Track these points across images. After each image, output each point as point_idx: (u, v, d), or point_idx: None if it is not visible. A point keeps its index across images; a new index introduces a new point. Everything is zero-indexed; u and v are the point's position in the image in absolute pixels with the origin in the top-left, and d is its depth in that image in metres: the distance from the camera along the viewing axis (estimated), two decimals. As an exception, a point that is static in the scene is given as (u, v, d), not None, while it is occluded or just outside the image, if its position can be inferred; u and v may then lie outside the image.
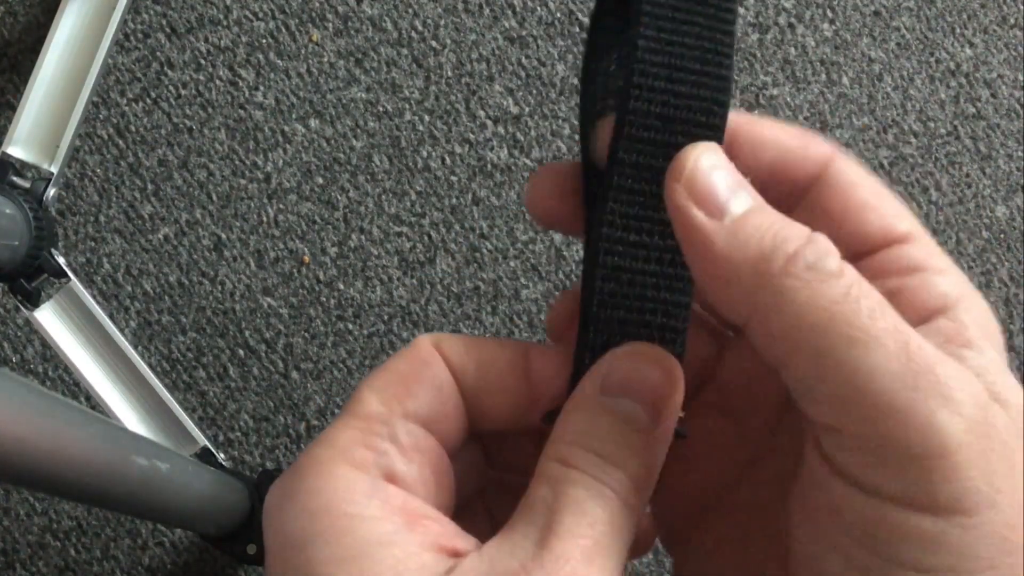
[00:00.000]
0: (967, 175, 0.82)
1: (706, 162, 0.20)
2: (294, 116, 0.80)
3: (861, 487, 0.19)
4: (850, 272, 0.19)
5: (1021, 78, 0.83)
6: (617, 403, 0.21)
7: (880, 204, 0.22)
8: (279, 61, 0.80)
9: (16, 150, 0.68)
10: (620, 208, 0.21)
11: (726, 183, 0.20)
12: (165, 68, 0.80)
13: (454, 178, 0.79)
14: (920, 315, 0.21)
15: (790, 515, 0.21)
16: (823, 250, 0.19)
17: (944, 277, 0.21)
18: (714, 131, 0.21)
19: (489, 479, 0.26)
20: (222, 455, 0.70)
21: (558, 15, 0.81)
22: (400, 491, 0.21)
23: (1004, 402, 0.20)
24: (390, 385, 0.22)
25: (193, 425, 0.69)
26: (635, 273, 0.21)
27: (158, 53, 0.80)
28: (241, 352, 0.78)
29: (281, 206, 0.79)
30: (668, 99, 0.21)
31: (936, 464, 0.18)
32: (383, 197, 0.79)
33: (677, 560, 0.25)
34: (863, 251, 0.22)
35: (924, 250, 0.22)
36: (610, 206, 0.21)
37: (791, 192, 0.23)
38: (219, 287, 0.78)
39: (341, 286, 0.78)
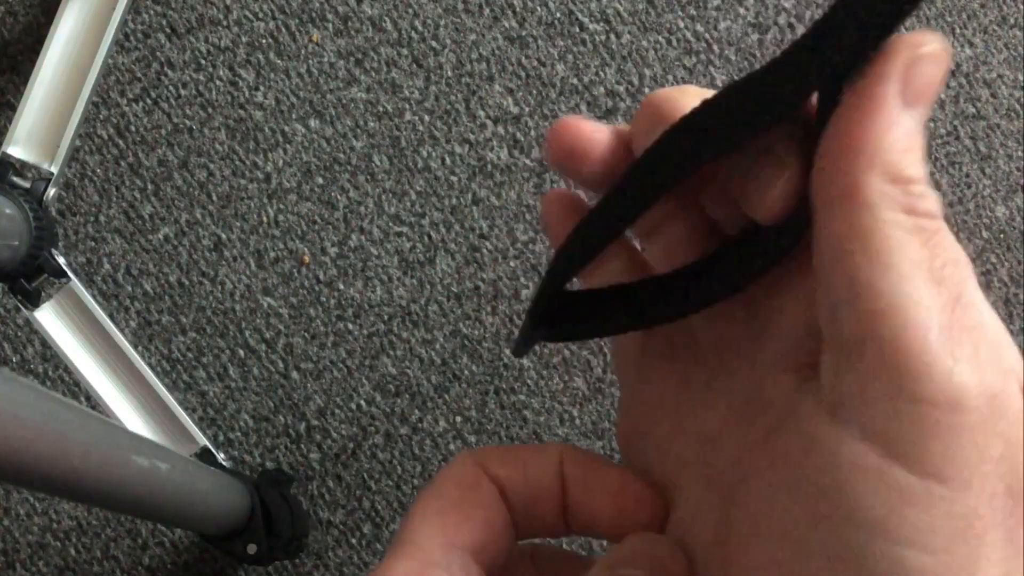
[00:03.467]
0: (967, 175, 0.82)
1: (932, 59, 0.19)
2: (294, 116, 0.80)
3: (848, 424, 0.18)
4: (944, 225, 0.19)
5: (1021, 78, 0.83)
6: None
7: None
8: (279, 61, 0.80)
9: (16, 150, 0.68)
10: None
11: (930, 93, 0.19)
12: (165, 68, 0.80)
13: (454, 178, 0.79)
14: None
15: (751, 463, 0.21)
16: (936, 196, 0.19)
17: None
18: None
19: None
20: (222, 455, 0.70)
21: (558, 15, 0.81)
22: None
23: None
24: (442, 514, 0.23)
25: (193, 425, 0.69)
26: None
27: (158, 53, 0.80)
28: (241, 352, 0.78)
29: (281, 206, 0.79)
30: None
31: (940, 417, 0.18)
32: (383, 197, 0.79)
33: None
34: None
35: None
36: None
37: None
38: (219, 287, 0.78)
39: (341, 286, 0.79)
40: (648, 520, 0.24)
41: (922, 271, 0.18)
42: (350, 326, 0.78)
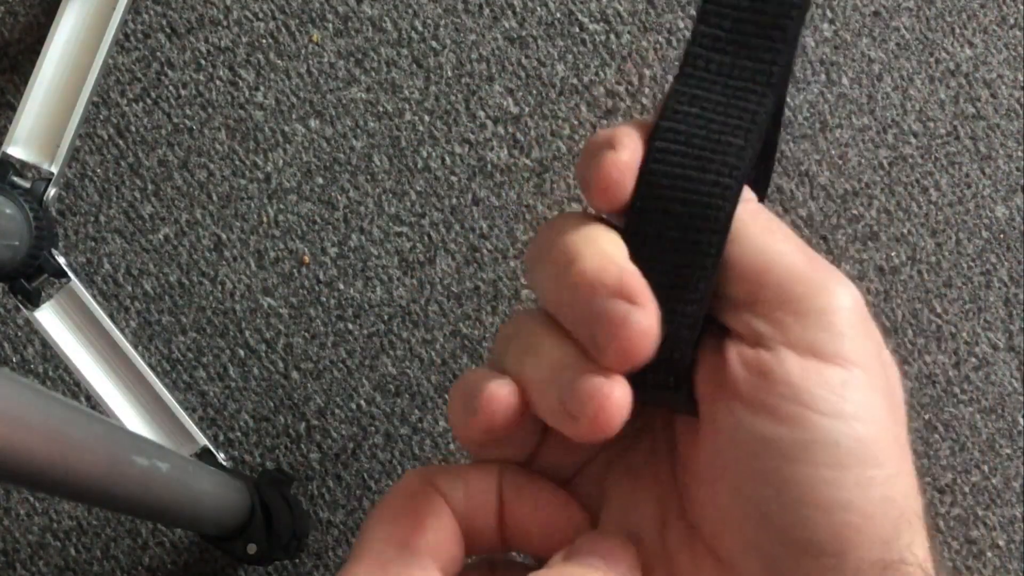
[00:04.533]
0: (967, 175, 0.82)
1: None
2: (294, 116, 0.80)
3: (777, 345, 0.22)
4: (761, 206, 0.25)
5: (1021, 78, 0.83)
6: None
7: None
8: (279, 61, 0.80)
9: (16, 150, 0.68)
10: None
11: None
12: (165, 68, 0.80)
13: (454, 178, 0.79)
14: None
15: (686, 426, 0.25)
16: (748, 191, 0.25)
17: None
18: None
19: None
20: (222, 455, 0.70)
21: (558, 15, 0.81)
22: None
23: None
24: (396, 522, 0.24)
25: (193, 425, 0.69)
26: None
27: (158, 53, 0.80)
28: (241, 352, 0.78)
29: (281, 206, 0.79)
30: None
31: (836, 318, 0.23)
32: (383, 197, 0.79)
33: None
34: None
35: None
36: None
37: None
38: (219, 287, 0.79)
39: (341, 286, 0.79)
40: (577, 534, 0.25)
41: (769, 235, 0.24)
42: (350, 326, 0.78)
